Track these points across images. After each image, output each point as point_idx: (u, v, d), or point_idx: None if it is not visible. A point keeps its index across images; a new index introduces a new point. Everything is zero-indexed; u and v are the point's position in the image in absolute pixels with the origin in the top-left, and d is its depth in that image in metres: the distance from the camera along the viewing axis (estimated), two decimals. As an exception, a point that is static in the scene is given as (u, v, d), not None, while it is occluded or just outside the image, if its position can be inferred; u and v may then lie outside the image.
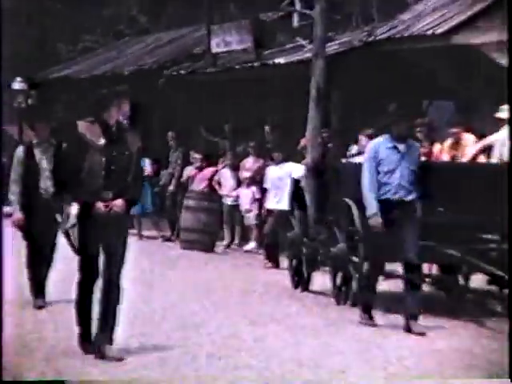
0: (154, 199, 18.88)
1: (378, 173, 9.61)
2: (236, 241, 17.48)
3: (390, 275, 12.46)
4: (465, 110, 13.19)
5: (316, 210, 12.47)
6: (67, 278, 8.93)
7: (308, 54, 16.12)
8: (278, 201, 15.40)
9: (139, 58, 23.98)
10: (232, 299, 11.49)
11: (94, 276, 7.88)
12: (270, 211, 15.70)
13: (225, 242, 17.47)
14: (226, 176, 17.84)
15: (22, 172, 10.30)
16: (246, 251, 16.72)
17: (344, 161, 13.47)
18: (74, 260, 8.16)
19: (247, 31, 19.58)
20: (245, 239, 17.25)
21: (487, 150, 11.58)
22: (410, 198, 9.66)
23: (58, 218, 10.10)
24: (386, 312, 10.49)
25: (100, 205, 7.75)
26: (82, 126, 7.87)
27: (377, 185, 9.60)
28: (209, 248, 16.95)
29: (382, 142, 9.77)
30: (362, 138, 13.24)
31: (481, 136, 12.00)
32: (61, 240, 10.17)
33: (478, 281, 11.25)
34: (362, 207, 10.64)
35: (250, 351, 8.47)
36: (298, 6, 19.55)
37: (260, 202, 16.64)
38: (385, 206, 9.57)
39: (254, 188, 16.97)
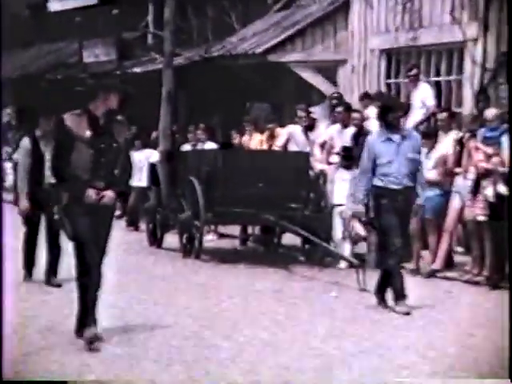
0: None
1: (377, 165, 7.99)
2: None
3: (223, 235, 12.97)
4: (277, 110, 13.57)
5: (168, 186, 12.53)
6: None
7: (160, 65, 16.16)
8: (139, 179, 15.39)
9: (24, 65, 23.51)
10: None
11: (91, 261, 6.43)
12: (132, 187, 15.78)
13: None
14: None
15: (28, 162, 8.80)
16: (113, 218, 16.72)
17: (188, 148, 13.74)
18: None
19: (112, 46, 19.54)
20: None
21: (290, 139, 12.15)
22: (409, 184, 8.04)
23: (54, 210, 8.31)
24: (221, 262, 10.72)
25: (92, 192, 6.35)
26: (68, 119, 6.43)
27: (369, 178, 8.03)
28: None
29: (375, 137, 8.22)
30: (198, 132, 13.57)
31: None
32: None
33: (287, 238, 11.52)
34: (204, 183, 10.78)
35: (115, 294, 8.18)
36: (151, 28, 19.64)
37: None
38: (387, 193, 8.00)
39: (118, 169, 16.92)
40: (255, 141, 12.53)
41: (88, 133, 6.39)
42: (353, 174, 10.71)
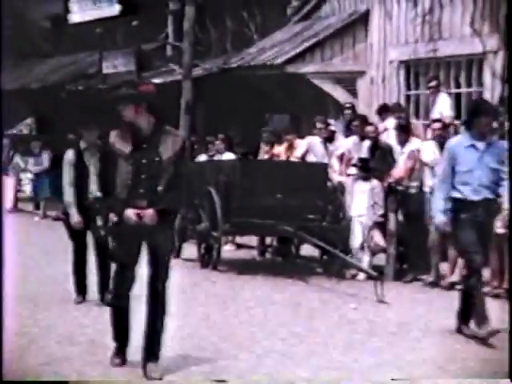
0: (53, 187, 17.47)
1: (456, 172, 7.24)
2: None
3: (241, 246, 12.96)
4: (296, 121, 13.58)
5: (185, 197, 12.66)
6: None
7: (179, 76, 16.27)
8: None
9: (44, 76, 23.65)
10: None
11: (127, 286, 6.02)
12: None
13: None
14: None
15: (73, 175, 8.46)
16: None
17: (206, 158, 13.73)
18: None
19: (131, 57, 19.66)
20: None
21: (309, 151, 12.18)
22: (490, 196, 7.28)
23: (98, 221, 8.24)
24: (239, 273, 10.65)
25: (130, 212, 5.77)
26: (112, 134, 5.91)
27: (448, 185, 7.26)
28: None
29: (459, 142, 7.40)
30: (217, 142, 13.59)
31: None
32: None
33: (305, 249, 11.50)
34: (222, 194, 10.75)
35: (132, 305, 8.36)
36: (170, 39, 19.75)
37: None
38: (466, 206, 7.23)
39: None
40: (275, 152, 12.60)
41: (129, 148, 5.82)
42: (371, 185, 10.72)
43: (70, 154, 8.60)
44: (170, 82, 16.88)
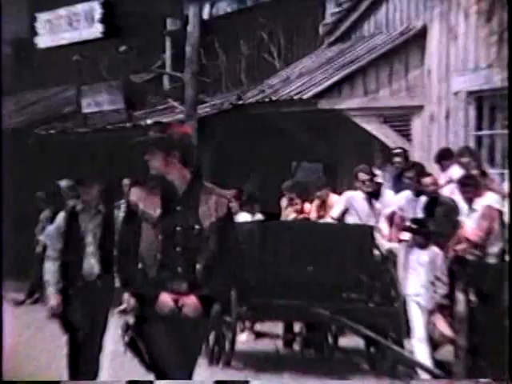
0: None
1: None
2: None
3: (261, 334, 12.88)
4: (331, 172, 13.61)
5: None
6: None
7: (180, 116, 16.40)
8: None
9: (4, 118, 23.78)
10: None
11: None
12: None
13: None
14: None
15: (61, 246, 8.21)
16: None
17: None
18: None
19: (118, 92, 19.75)
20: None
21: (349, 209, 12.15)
22: None
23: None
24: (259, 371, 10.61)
25: (166, 298, 5.51)
26: (134, 191, 5.68)
27: None
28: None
29: None
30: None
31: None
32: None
33: (346, 339, 11.47)
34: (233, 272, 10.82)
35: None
36: (168, 69, 19.89)
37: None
38: None
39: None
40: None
41: (158, 210, 5.60)
42: (430, 255, 10.61)
43: (59, 219, 8.37)
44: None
